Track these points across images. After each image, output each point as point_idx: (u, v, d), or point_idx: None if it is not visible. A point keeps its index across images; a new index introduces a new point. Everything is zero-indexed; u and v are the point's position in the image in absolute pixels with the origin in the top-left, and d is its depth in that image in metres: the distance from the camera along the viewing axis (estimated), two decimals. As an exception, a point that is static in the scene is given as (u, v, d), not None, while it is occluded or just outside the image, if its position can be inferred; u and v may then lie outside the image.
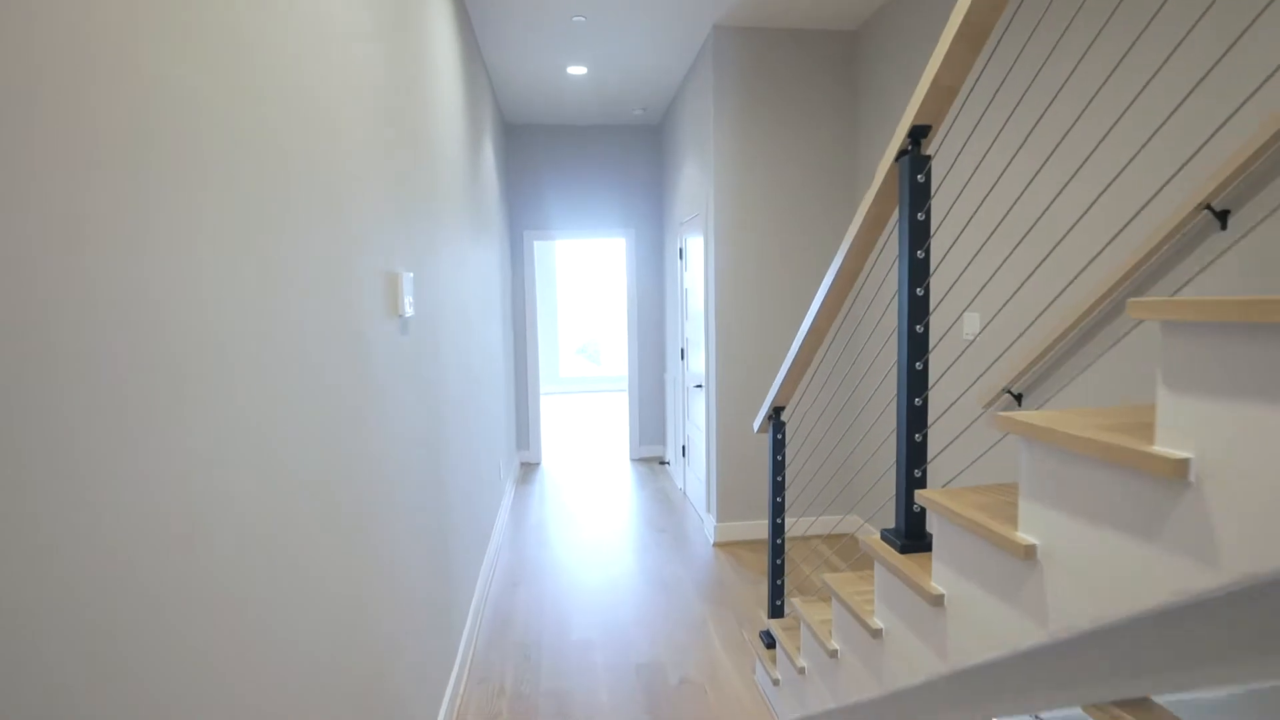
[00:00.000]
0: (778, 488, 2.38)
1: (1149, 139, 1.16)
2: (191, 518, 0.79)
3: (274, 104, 1.03)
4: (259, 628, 0.94)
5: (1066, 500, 0.93)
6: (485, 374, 3.70)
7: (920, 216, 1.37)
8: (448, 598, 2.36)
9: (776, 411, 2.37)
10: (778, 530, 2.40)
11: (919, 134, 1.37)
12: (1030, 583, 1.00)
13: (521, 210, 5.72)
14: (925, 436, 1.41)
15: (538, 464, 5.95)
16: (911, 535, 1.43)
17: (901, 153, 1.40)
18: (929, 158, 1.36)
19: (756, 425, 2.46)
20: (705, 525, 4.20)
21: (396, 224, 1.79)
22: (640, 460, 6.00)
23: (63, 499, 0.60)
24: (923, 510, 1.44)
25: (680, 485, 5.09)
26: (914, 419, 1.41)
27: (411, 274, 1.87)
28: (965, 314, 2.84)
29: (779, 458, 2.37)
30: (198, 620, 0.80)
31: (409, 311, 1.83)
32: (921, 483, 1.43)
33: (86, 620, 0.63)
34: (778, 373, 4.01)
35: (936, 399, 3.11)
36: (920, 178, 1.37)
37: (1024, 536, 1.00)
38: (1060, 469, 0.94)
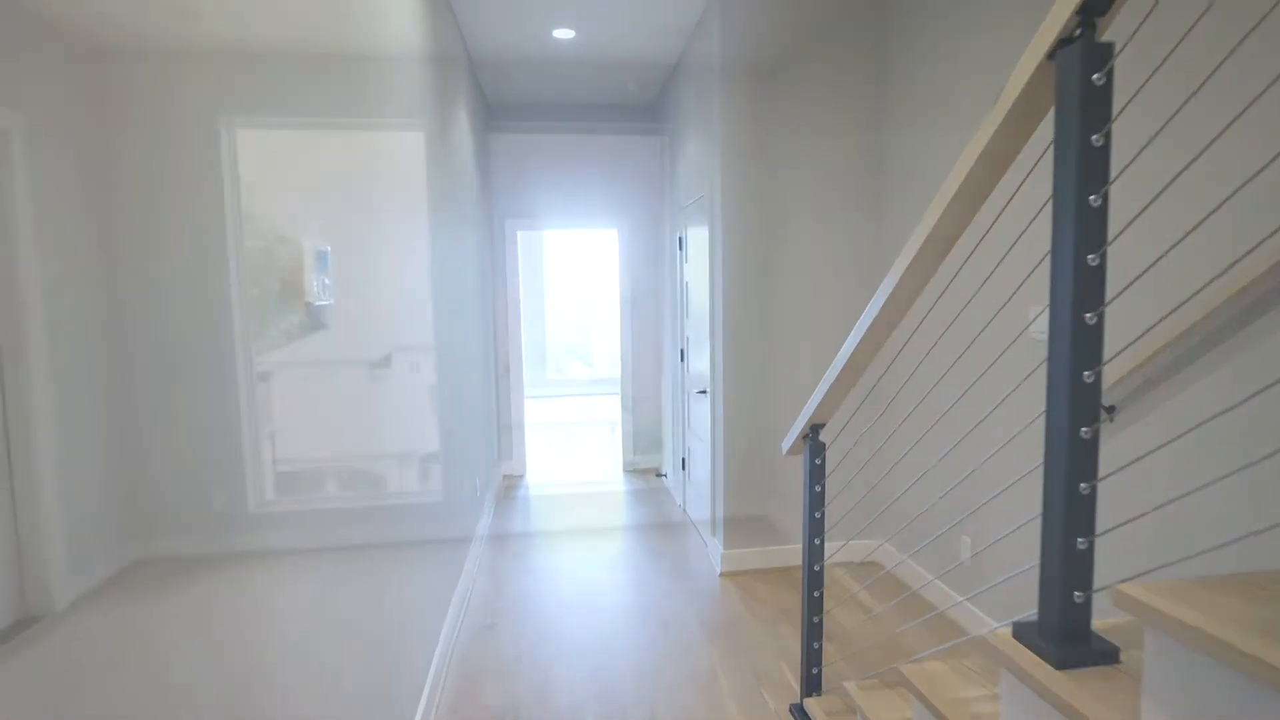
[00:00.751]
0: (816, 526, 1.87)
1: None
2: None
3: None
4: None
5: None
6: (458, 379, 3.17)
7: (1096, 141, 0.87)
8: (391, 668, 1.83)
9: (814, 430, 1.86)
10: (815, 580, 1.89)
11: (1095, 9, 0.86)
12: None
13: (503, 197, 5.18)
14: (1095, 488, 0.91)
15: (521, 476, 5.41)
16: (1070, 639, 0.93)
17: (1063, 41, 0.89)
18: (1111, 46, 0.86)
19: (786, 446, 1.95)
20: (710, 551, 3.68)
21: (315, 184, 1.27)
22: (635, 472, 5.47)
23: None
24: (1087, 600, 0.94)
25: (680, 503, 4.57)
26: (1078, 459, 0.90)
27: (329, 247, 1.36)
28: (1027, 305, 2.34)
29: (818, 488, 1.87)
30: None
31: (323, 298, 1.31)
32: (1089, 559, 0.92)
33: None
34: (795, 378, 3.50)
35: (975, 411, 2.60)
36: (1097, 78, 0.86)
37: None
38: None
